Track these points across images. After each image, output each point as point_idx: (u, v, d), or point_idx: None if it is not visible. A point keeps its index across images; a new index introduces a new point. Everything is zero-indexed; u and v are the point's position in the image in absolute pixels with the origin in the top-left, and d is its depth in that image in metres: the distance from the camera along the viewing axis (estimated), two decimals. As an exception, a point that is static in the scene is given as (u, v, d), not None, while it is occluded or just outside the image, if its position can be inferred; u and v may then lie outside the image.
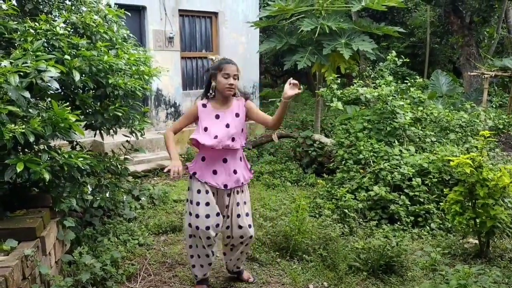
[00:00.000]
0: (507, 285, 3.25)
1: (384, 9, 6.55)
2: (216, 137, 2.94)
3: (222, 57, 3.11)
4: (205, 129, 2.98)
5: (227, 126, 2.99)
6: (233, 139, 2.99)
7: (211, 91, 3.04)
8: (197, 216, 3.01)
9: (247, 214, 3.17)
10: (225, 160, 3.04)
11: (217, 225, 3.06)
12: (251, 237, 3.19)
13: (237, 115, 3.04)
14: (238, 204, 3.12)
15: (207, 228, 3.01)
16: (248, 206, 3.21)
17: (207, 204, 3.02)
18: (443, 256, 3.82)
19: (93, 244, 3.73)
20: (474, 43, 12.01)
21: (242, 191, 3.16)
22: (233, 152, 3.05)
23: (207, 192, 3.03)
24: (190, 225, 3.07)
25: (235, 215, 3.11)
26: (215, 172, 3.04)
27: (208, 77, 3.06)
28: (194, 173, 3.06)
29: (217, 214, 3.04)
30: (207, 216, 3.01)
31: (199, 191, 3.04)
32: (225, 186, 3.05)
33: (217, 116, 3.02)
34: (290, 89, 2.72)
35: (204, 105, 3.05)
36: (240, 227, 3.13)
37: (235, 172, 3.07)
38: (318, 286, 3.40)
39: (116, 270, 3.38)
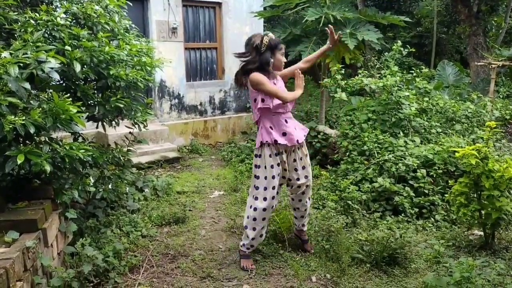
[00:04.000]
0: (512, 278, 3.22)
1: (389, -2, 6.46)
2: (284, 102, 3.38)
3: (270, 35, 3.37)
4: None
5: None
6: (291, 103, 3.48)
7: (269, 66, 3.37)
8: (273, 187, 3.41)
9: (309, 165, 3.64)
10: (286, 121, 3.43)
11: (278, 193, 3.50)
12: (307, 186, 3.64)
13: (283, 82, 3.54)
14: (301, 158, 3.55)
15: (273, 188, 3.41)
16: (308, 159, 3.67)
17: (275, 176, 3.41)
18: (448, 248, 3.79)
19: (96, 236, 3.73)
20: (482, 33, 11.82)
21: (304, 146, 3.61)
22: (289, 114, 3.50)
23: (278, 164, 3.41)
24: (265, 188, 3.41)
25: (301, 167, 3.55)
26: (284, 134, 3.39)
27: (264, 54, 3.34)
28: (275, 141, 3.34)
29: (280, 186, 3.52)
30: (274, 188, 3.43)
31: (272, 166, 3.39)
32: (297, 141, 3.43)
33: (275, 83, 3.40)
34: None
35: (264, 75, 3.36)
36: (306, 176, 3.58)
37: (295, 129, 3.48)
38: (321, 277, 3.39)
39: (119, 262, 3.39)
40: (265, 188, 3.40)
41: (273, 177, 3.39)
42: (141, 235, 4.09)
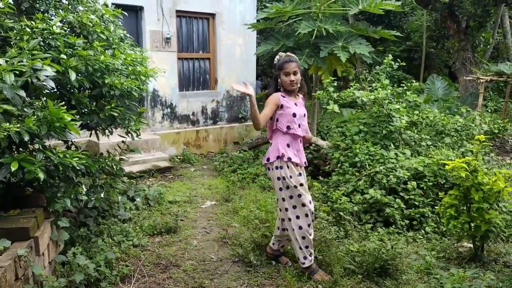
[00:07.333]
0: (501, 289, 3.26)
1: (381, 13, 6.57)
2: (299, 126, 3.47)
3: (281, 54, 3.49)
4: (294, 115, 3.41)
5: (304, 115, 3.53)
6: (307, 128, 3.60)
7: (279, 87, 3.49)
8: (303, 195, 3.41)
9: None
10: (300, 141, 3.55)
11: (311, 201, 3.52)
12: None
13: (305, 105, 3.62)
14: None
15: (310, 202, 3.46)
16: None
17: (303, 184, 3.46)
18: (438, 259, 3.83)
19: (87, 245, 3.70)
20: (470, 48, 12.06)
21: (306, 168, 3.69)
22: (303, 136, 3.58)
23: (300, 174, 3.45)
24: (303, 204, 3.42)
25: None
26: (297, 152, 3.51)
27: (275, 76, 3.52)
28: (290, 158, 3.41)
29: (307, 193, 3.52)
30: (306, 193, 3.46)
31: (300, 174, 3.45)
32: (304, 162, 3.55)
33: (296, 104, 3.48)
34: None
35: (283, 96, 3.45)
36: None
37: (304, 150, 3.61)
38: (313, 288, 3.39)
39: (110, 271, 3.36)
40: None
41: (303, 195, 3.46)
42: (133, 244, 4.06)
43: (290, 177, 3.39)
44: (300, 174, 3.45)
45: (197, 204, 5.49)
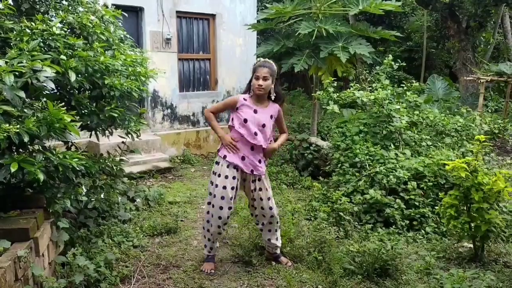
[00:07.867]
0: (501, 290, 3.25)
1: (381, 13, 6.57)
2: (255, 133, 3.40)
3: (260, 59, 3.53)
4: (245, 120, 3.40)
5: (264, 125, 3.43)
6: (267, 139, 3.50)
7: (250, 91, 3.48)
8: (222, 198, 3.43)
9: (268, 198, 3.59)
10: (252, 148, 3.46)
11: (230, 208, 3.49)
12: (272, 216, 3.62)
13: (271, 117, 3.50)
14: (260, 189, 3.55)
15: (221, 208, 3.45)
16: (270, 191, 3.65)
17: (232, 188, 3.45)
18: (438, 259, 3.83)
19: (87, 246, 3.70)
20: (471, 48, 12.06)
21: (266, 178, 3.62)
22: (260, 145, 3.47)
23: (233, 178, 3.44)
24: (214, 206, 3.49)
25: (259, 199, 3.56)
26: (243, 158, 3.45)
27: (251, 78, 3.50)
28: (225, 156, 3.45)
29: (231, 199, 3.47)
30: (222, 198, 3.44)
31: (226, 177, 3.43)
32: (252, 171, 3.47)
33: (255, 111, 3.42)
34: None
35: (245, 99, 3.45)
36: (262, 208, 3.59)
37: (259, 161, 3.51)
38: (312, 289, 3.39)
39: (110, 272, 3.37)
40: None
41: (222, 197, 3.45)
42: (133, 245, 4.06)
43: (219, 175, 3.46)
44: (234, 178, 3.44)
45: (197, 205, 5.49)
